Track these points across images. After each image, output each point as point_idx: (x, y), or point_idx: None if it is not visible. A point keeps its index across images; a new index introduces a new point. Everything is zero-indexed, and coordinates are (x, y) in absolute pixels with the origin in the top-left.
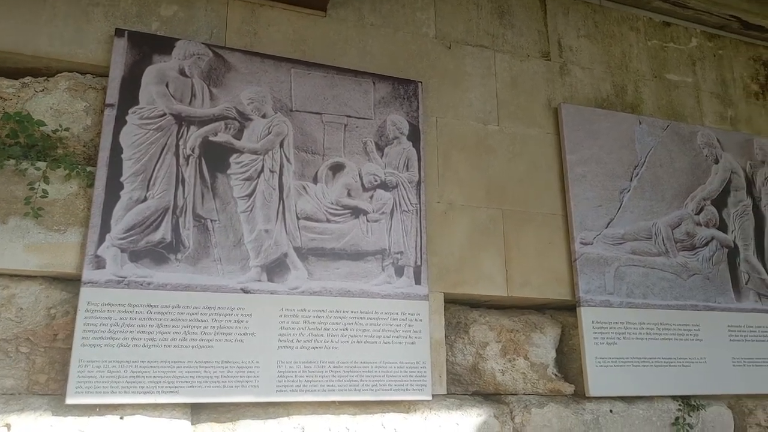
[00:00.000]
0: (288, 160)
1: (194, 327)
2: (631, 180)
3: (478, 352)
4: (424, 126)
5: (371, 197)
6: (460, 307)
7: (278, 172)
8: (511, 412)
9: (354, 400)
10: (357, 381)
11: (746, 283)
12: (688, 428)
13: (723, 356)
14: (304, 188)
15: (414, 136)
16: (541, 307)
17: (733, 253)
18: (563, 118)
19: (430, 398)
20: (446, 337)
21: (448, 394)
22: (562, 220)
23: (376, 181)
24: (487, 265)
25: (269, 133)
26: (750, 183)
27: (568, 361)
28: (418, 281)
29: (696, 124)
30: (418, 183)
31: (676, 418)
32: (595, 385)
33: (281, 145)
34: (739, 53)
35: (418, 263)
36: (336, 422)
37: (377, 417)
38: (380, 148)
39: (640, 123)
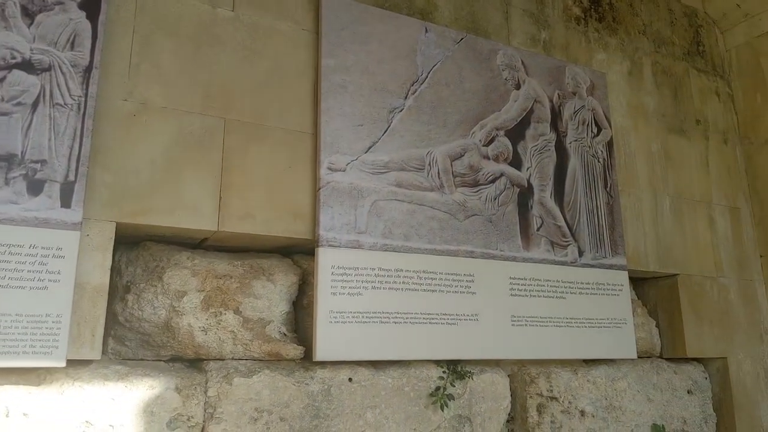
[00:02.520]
0: None
1: None
2: (406, 98)
3: (172, 304)
4: None
5: (2, 80)
6: (165, 247)
7: None
8: (206, 383)
9: None
10: None
11: (538, 230)
12: (447, 400)
13: (500, 314)
14: None
15: (91, 5)
16: (288, 250)
17: (525, 194)
18: (323, 12)
19: (62, 364)
20: (133, 284)
21: (116, 359)
22: (311, 141)
23: (14, 57)
24: (192, 190)
25: None
26: (556, 116)
27: (309, 318)
28: (66, 203)
29: (501, 42)
30: (88, 69)
31: (437, 388)
32: (325, 347)
33: None
34: None
35: (71, 179)
36: None
37: None
38: (29, 14)
39: (426, 31)
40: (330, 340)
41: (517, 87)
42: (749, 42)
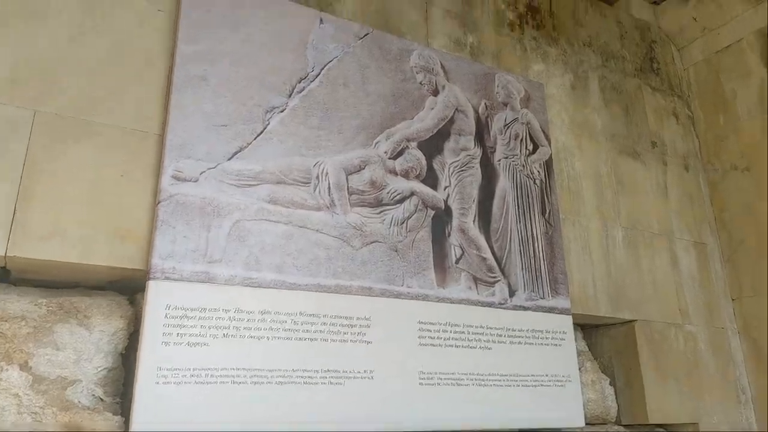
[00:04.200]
0: None
1: None
2: (290, 96)
3: None
4: None
5: None
6: None
7: None
8: None
9: None
10: None
11: (457, 262)
12: None
13: (405, 370)
14: None
15: None
16: (133, 286)
17: (441, 219)
18: None
19: None
20: None
21: None
22: (157, 143)
23: None
24: None
25: None
26: (483, 128)
27: None
28: None
29: (417, 43)
30: None
31: None
32: (148, 417)
33: None
34: None
35: None
36: None
37: None
38: None
39: (321, 22)
40: (157, 406)
41: (435, 93)
42: (708, 59)
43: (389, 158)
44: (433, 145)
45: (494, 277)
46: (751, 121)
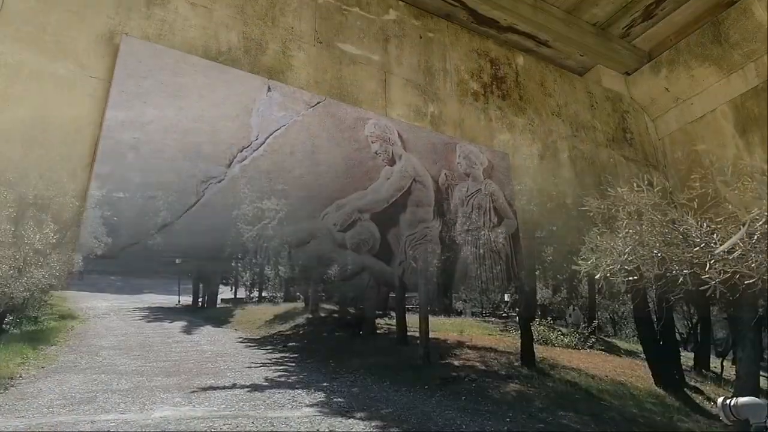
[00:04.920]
0: None
1: None
2: (229, 166)
3: None
4: None
5: None
6: None
7: None
8: None
9: None
10: None
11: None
12: None
13: None
14: None
15: None
16: None
17: (397, 297)
18: (120, 56)
19: None
20: None
21: None
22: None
23: None
24: None
25: None
26: (442, 199)
27: None
28: None
29: (374, 112)
30: None
31: None
32: None
33: None
34: (459, 42)
35: None
36: None
37: None
38: None
39: (269, 90)
40: None
41: (392, 163)
42: (684, 129)
43: (339, 231)
44: (388, 217)
45: None
46: (729, 191)
